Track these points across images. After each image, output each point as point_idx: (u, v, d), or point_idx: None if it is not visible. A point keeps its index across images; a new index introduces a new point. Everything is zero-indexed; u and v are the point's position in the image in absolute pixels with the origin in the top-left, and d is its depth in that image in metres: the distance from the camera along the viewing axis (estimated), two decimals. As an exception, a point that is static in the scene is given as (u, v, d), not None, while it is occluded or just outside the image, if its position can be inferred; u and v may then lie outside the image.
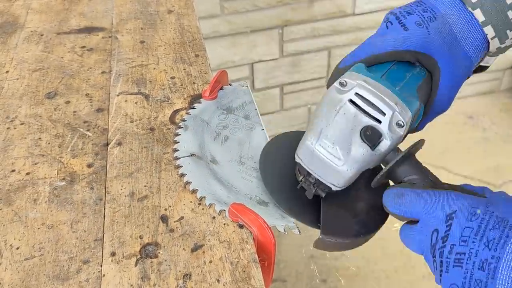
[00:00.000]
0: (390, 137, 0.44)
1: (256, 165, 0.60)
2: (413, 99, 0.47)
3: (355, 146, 0.44)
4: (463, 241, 0.38)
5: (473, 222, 0.38)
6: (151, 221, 0.52)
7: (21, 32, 0.85)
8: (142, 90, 0.71)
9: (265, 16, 1.68)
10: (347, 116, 0.45)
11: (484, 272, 0.37)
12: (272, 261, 0.52)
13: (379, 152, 0.45)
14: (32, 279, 0.47)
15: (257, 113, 0.67)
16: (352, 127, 0.44)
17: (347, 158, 0.44)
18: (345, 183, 0.46)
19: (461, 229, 0.39)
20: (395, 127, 0.44)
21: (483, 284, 0.37)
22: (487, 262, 0.37)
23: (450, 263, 0.39)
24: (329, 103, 0.46)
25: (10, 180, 0.58)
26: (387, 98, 0.44)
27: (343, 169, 0.45)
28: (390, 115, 0.44)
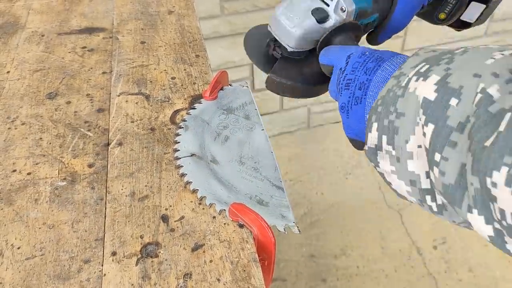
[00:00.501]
0: (334, 18, 0.58)
1: (257, 165, 0.60)
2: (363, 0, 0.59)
3: (306, 18, 0.58)
4: (352, 71, 0.50)
5: (361, 58, 0.50)
6: (151, 220, 0.53)
7: (22, 33, 0.85)
8: (143, 91, 0.71)
9: (265, 17, 1.68)
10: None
11: (360, 90, 0.48)
12: (272, 261, 0.52)
13: (324, 27, 0.58)
14: (33, 278, 0.47)
15: (257, 113, 0.68)
16: (308, 5, 0.59)
17: (298, 24, 0.58)
18: (295, 43, 0.59)
19: (352, 63, 0.50)
20: (339, 11, 0.58)
21: (359, 99, 0.48)
22: (363, 83, 0.48)
23: (343, 88, 0.50)
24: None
25: (11, 180, 0.58)
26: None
27: (293, 31, 0.59)
28: (336, 1, 0.58)
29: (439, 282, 1.53)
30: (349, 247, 1.62)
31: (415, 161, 0.40)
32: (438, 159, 0.36)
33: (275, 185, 0.58)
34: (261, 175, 0.59)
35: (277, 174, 0.59)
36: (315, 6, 0.59)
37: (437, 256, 1.60)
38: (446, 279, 1.54)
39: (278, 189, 0.58)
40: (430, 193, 0.40)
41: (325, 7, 0.59)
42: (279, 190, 0.58)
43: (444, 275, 1.55)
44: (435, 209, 0.41)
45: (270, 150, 0.62)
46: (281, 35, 0.60)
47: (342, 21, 0.59)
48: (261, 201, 0.56)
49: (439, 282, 1.53)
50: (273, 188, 0.58)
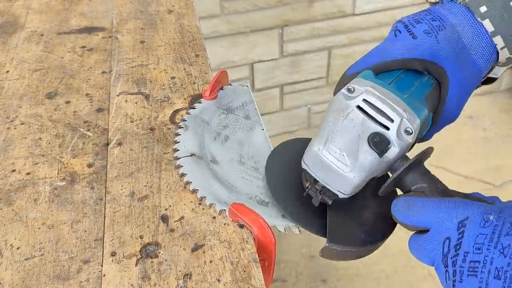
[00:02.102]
0: (398, 144, 0.44)
1: (257, 164, 0.60)
2: (421, 107, 0.47)
3: (363, 153, 0.44)
4: (477, 248, 0.37)
5: (487, 229, 0.37)
6: (151, 221, 0.52)
7: (21, 32, 0.85)
8: (142, 90, 0.71)
9: (265, 16, 1.68)
10: (355, 122, 0.44)
11: (500, 280, 0.36)
12: (273, 261, 0.52)
13: (387, 160, 0.44)
14: (32, 279, 0.47)
15: (257, 113, 0.67)
16: (359, 133, 0.44)
17: (354, 165, 0.44)
18: (352, 190, 0.46)
19: (474, 236, 0.38)
20: (404, 134, 0.44)
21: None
22: (503, 270, 0.36)
23: (464, 272, 0.38)
24: (337, 109, 0.46)
25: (10, 180, 0.58)
26: (395, 105, 0.44)
27: (350, 176, 0.44)
28: (399, 122, 0.44)
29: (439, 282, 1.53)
30: (349, 247, 1.61)
31: None
32: None
33: (275, 185, 0.58)
34: (261, 175, 0.59)
35: (277, 174, 0.59)
36: (369, 131, 0.44)
37: (437, 256, 1.60)
38: (446, 279, 1.54)
39: (278, 189, 0.57)
40: None
41: (383, 132, 0.44)
42: (279, 190, 0.57)
43: (444, 275, 1.55)
44: None
45: (270, 150, 0.62)
46: (331, 182, 0.46)
47: (407, 147, 0.45)
48: (261, 201, 0.56)
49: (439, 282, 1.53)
50: (273, 188, 0.57)
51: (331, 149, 0.45)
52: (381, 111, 0.44)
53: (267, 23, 1.69)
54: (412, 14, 0.52)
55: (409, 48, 0.49)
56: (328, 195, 0.48)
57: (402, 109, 0.44)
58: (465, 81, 0.50)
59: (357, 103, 0.45)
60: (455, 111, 0.51)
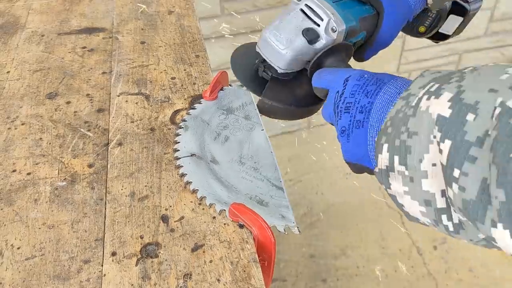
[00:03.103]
0: (325, 38, 0.57)
1: (256, 165, 0.60)
2: (351, 18, 0.59)
3: (297, 39, 0.57)
4: (351, 94, 0.49)
5: (360, 81, 0.50)
6: (151, 221, 0.53)
7: (22, 33, 0.85)
8: (143, 91, 0.71)
9: (265, 16, 1.68)
10: (296, 18, 0.59)
11: (362, 114, 0.48)
12: (272, 261, 0.52)
13: (315, 48, 0.58)
14: (33, 278, 0.47)
15: (257, 113, 0.67)
16: (298, 25, 0.58)
17: (288, 45, 0.57)
18: (285, 65, 0.58)
19: (351, 86, 0.50)
20: (330, 31, 0.58)
21: (361, 123, 0.48)
22: (365, 106, 0.48)
23: (342, 111, 0.50)
24: (286, 10, 0.60)
25: (11, 180, 0.58)
26: (327, 10, 0.58)
27: (284, 52, 0.58)
28: (327, 21, 0.57)
29: (439, 282, 1.53)
30: (349, 247, 1.62)
31: (429, 180, 0.39)
32: (457, 175, 0.35)
33: (275, 185, 0.58)
34: (261, 175, 0.59)
35: (277, 174, 0.59)
36: (305, 26, 0.58)
37: (437, 256, 1.60)
38: (446, 279, 1.54)
39: (278, 189, 0.58)
40: (446, 212, 0.39)
41: (315, 28, 0.58)
42: (279, 190, 0.57)
43: (444, 275, 1.55)
44: (451, 229, 0.40)
45: (270, 150, 0.62)
46: (271, 57, 0.59)
47: (333, 42, 0.58)
48: (261, 201, 0.56)
49: (439, 282, 1.53)
50: (273, 188, 0.58)
51: (274, 33, 0.58)
52: (316, 13, 0.58)
53: (267, 23, 1.69)
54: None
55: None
56: (270, 70, 0.62)
57: (331, 13, 0.58)
58: (398, 14, 0.63)
59: (301, 6, 0.59)
60: (388, 37, 0.63)
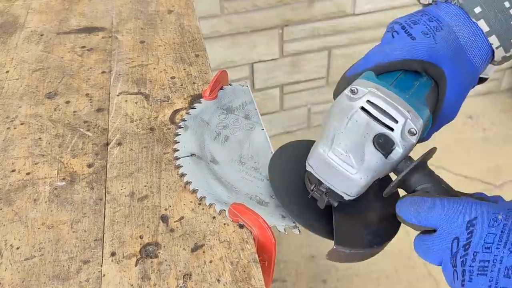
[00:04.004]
0: (402, 145, 0.44)
1: (257, 164, 0.60)
2: (423, 107, 0.47)
3: (369, 154, 0.44)
4: (486, 248, 0.37)
5: (495, 228, 0.38)
6: (151, 221, 0.52)
7: (21, 32, 0.85)
8: (142, 90, 0.71)
9: (265, 16, 1.68)
10: (360, 124, 0.45)
11: (510, 279, 0.36)
12: (272, 261, 0.52)
13: (392, 160, 0.44)
14: (32, 279, 0.47)
15: (257, 113, 0.67)
16: (364, 134, 0.44)
17: (360, 166, 0.44)
18: (358, 192, 0.46)
19: (483, 236, 0.38)
20: (408, 135, 0.44)
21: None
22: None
23: (474, 272, 0.38)
24: (341, 111, 0.46)
25: (10, 180, 0.58)
26: (399, 106, 0.44)
27: (356, 178, 0.44)
28: (403, 122, 0.44)
29: (439, 282, 1.53)
30: (349, 247, 1.61)
31: None
32: None
33: (275, 185, 0.58)
34: (261, 175, 0.59)
35: (277, 174, 0.59)
36: (374, 132, 0.44)
37: (437, 256, 1.60)
38: (446, 279, 1.54)
39: (278, 189, 0.57)
40: None
41: (388, 132, 0.44)
42: (279, 190, 0.57)
43: (444, 275, 1.55)
44: None
45: (270, 150, 0.62)
46: (336, 184, 0.46)
47: (411, 147, 0.45)
48: (261, 201, 0.55)
49: (440, 282, 1.53)
50: (273, 188, 0.57)
51: (337, 150, 0.45)
52: (385, 112, 0.45)
53: (267, 23, 1.69)
54: (406, 15, 0.52)
55: (408, 49, 0.49)
56: (333, 197, 0.48)
57: (405, 110, 0.44)
58: (463, 81, 0.51)
59: (361, 104, 0.45)
60: (453, 111, 0.52)
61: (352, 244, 0.48)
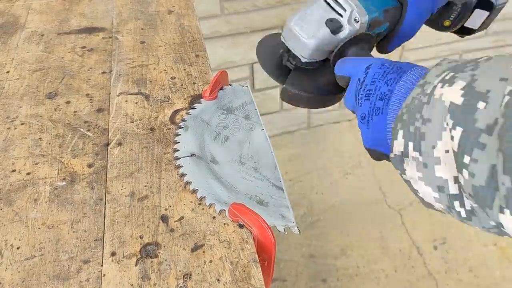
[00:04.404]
0: (348, 28, 0.59)
1: (256, 164, 0.60)
2: (374, 9, 0.60)
3: (320, 29, 0.59)
4: (372, 82, 0.50)
5: (381, 69, 0.50)
6: (151, 221, 0.52)
7: (21, 33, 0.85)
8: (143, 90, 0.71)
9: (265, 16, 1.68)
10: (320, 8, 0.60)
11: (382, 101, 0.49)
12: (272, 261, 0.52)
13: (338, 38, 0.59)
14: (32, 279, 0.47)
15: (257, 113, 0.68)
16: (321, 16, 0.60)
17: (312, 35, 0.59)
18: (309, 54, 0.60)
19: (372, 74, 0.51)
20: (353, 22, 0.59)
21: (380, 110, 0.49)
22: (384, 94, 0.49)
23: (363, 98, 0.51)
24: (310, 1, 0.62)
25: (10, 180, 0.58)
26: (350, 1, 0.59)
27: (307, 42, 0.59)
28: (350, 12, 0.59)
29: (439, 282, 1.53)
30: (349, 247, 1.62)
31: (442, 166, 0.40)
32: (468, 161, 0.36)
33: (275, 185, 0.58)
34: (261, 175, 0.59)
35: (277, 174, 0.59)
36: (328, 16, 0.59)
37: (437, 256, 1.60)
38: (446, 279, 1.54)
39: (278, 189, 0.57)
40: (458, 199, 0.40)
41: (338, 18, 0.59)
42: (279, 190, 0.57)
43: (444, 275, 1.55)
44: (464, 215, 0.41)
45: (270, 150, 0.62)
46: (295, 46, 0.61)
47: (356, 32, 0.59)
48: (261, 201, 0.56)
49: (439, 282, 1.53)
50: (273, 188, 0.58)
51: (299, 23, 0.60)
52: (339, 4, 0.60)
53: (267, 23, 1.69)
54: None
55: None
56: (295, 60, 0.63)
57: (354, 4, 0.59)
58: (421, 6, 0.63)
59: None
60: (411, 29, 0.64)
61: (297, 87, 0.63)
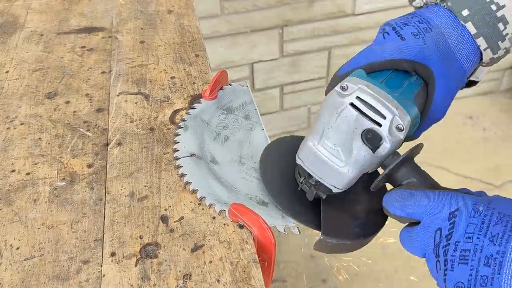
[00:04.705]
0: (390, 141, 0.45)
1: (256, 165, 0.60)
2: (411, 105, 0.48)
3: (357, 149, 0.45)
4: (467, 237, 0.38)
5: (476, 219, 0.39)
6: (151, 221, 0.52)
7: (21, 32, 0.85)
8: (142, 90, 0.71)
9: (265, 16, 1.68)
10: (349, 119, 0.46)
11: (489, 268, 0.37)
12: (272, 261, 0.52)
13: (379, 155, 0.46)
14: (32, 279, 0.47)
15: (257, 113, 0.67)
16: (353, 129, 0.46)
17: (348, 160, 0.46)
18: (346, 185, 0.47)
19: (465, 226, 0.39)
20: (395, 130, 0.46)
21: (489, 280, 0.37)
22: (492, 257, 0.37)
23: (455, 261, 0.39)
24: (331, 106, 0.47)
25: (10, 180, 0.58)
26: (387, 102, 0.46)
27: (344, 171, 0.46)
28: (391, 118, 0.45)
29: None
30: (349, 247, 1.61)
31: None
32: None
33: (275, 185, 0.58)
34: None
35: (277, 174, 0.59)
36: (363, 128, 0.45)
37: (437, 256, 1.60)
38: (446, 279, 1.54)
39: (278, 190, 0.57)
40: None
41: (376, 128, 0.45)
42: (279, 190, 0.57)
43: (444, 275, 1.55)
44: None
45: (270, 150, 0.61)
46: (325, 176, 0.48)
47: (399, 143, 0.47)
48: (261, 201, 0.55)
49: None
50: (273, 188, 0.57)
51: (326, 144, 0.46)
52: (374, 108, 0.46)
53: (267, 23, 1.69)
54: (398, 17, 0.53)
55: (398, 49, 0.51)
56: (322, 190, 0.49)
57: (393, 107, 0.46)
58: (451, 81, 0.52)
59: (351, 100, 0.46)
60: (441, 111, 0.53)
61: (338, 235, 0.50)
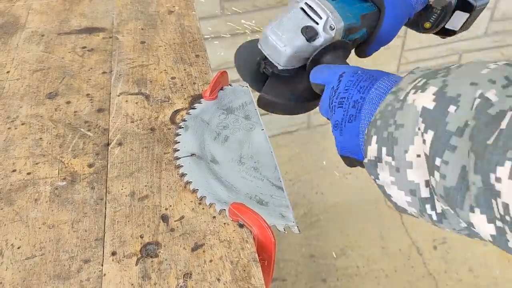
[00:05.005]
0: (323, 36, 0.59)
1: (256, 164, 0.60)
2: (350, 16, 0.61)
3: (296, 36, 0.59)
4: (345, 89, 0.51)
5: (354, 77, 0.51)
6: (151, 220, 0.53)
7: (22, 33, 0.85)
8: (143, 90, 0.71)
9: (265, 17, 1.68)
10: (296, 16, 0.61)
11: (354, 108, 0.49)
12: (272, 260, 0.52)
13: (314, 45, 0.59)
14: (33, 278, 0.47)
15: (257, 113, 0.68)
16: (297, 24, 0.60)
17: (288, 42, 0.59)
18: (285, 62, 0.60)
19: (345, 82, 0.52)
20: (328, 29, 0.59)
21: (353, 117, 0.49)
22: (357, 102, 0.49)
23: (336, 106, 0.51)
24: (287, 9, 0.63)
25: (11, 180, 0.58)
26: (325, 8, 0.60)
27: (283, 50, 0.60)
28: (325, 19, 0.59)
29: (439, 282, 1.53)
30: (349, 247, 1.62)
31: (414, 170, 0.41)
32: (439, 163, 0.37)
33: (275, 185, 0.58)
34: (261, 174, 0.59)
35: (277, 174, 0.59)
36: (304, 24, 0.59)
37: (437, 256, 1.60)
38: (446, 279, 1.54)
39: (278, 189, 0.58)
40: (429, 202, 0.41)
41: (314, 25, 0.59)
42: (279, 190, 0.58)
43: (444, 275, 1.55)
44: (435, 218, 0.42)
45: (270, 150, 0.62)
46: (271, 54, 0.61)
47: (331, 39, 0.60)
48: (261, 201, 0.56)
49: (439, 282, 1.53)
50: (273, 187, 0.58)
51: (275, 31, 0.60)
52: (315, 11, 0.60)
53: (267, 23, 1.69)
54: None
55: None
56: (269, 65, 0.63)
57: (329, 11, 0.60)
58: (399, 11, 0.64)
59: (301, 5, 0.61)
60: (389, 34, 0.65)
61: (273, 94, 0.64)
